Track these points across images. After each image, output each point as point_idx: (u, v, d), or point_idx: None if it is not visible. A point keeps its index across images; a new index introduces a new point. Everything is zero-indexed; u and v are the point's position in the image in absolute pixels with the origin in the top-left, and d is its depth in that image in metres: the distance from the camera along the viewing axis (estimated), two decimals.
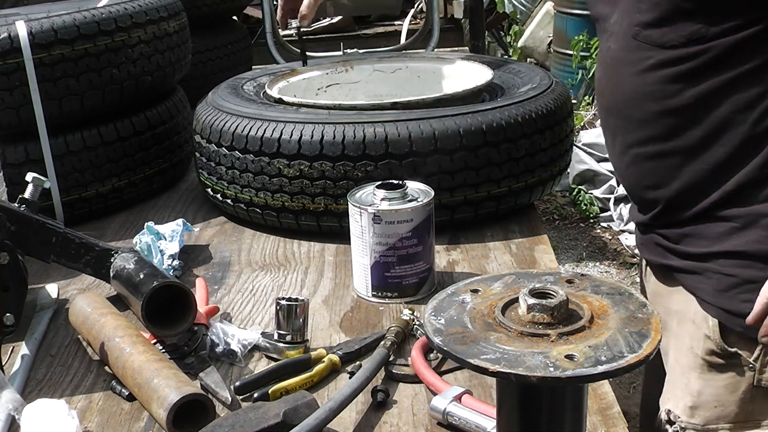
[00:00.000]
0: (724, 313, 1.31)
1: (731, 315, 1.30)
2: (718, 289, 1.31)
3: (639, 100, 1.32)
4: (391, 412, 1.16)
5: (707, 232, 1.32)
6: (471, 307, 0.83)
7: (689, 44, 1.24)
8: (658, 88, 1.29)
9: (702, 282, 1.33)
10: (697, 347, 1.36)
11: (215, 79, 2.25)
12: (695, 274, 1.34)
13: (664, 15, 1.25)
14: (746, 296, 1.27)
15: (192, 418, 1.11)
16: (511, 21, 7.34)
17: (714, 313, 1.33)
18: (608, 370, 0.72)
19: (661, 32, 1.26)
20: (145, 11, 1.92)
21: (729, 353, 1.33)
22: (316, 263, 1.64)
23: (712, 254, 1.31)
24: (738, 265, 1.29)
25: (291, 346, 1.29)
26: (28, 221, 1.42)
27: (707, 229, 1.32)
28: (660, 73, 1.28)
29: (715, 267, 1.31)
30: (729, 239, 1.29)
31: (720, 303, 1.31)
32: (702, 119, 1.26)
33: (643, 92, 1.31)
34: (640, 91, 1.32)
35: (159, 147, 2.01)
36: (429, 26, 3.18)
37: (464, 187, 1.65)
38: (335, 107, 1.74)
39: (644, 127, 1.33)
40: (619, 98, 1.37)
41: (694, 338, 1.36)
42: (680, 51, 1.25)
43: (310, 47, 3.32)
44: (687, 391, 1.38)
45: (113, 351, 1.25)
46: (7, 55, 1.72)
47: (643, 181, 1.38)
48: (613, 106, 1.39)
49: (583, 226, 4.75)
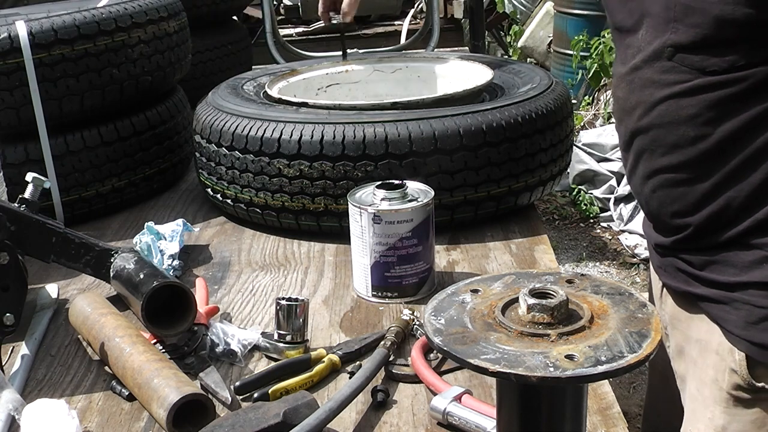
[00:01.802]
0: (754, 346, 1.24)
1: (761, 348, 1.23)
2: (747, 320, 1.24)
3: (674, 125, 1.25)
4: (391, 412, 1.16)
5: (736, 260, 1.25)
6: (471, 307, 0.83)
7: (731, 70, 1.17)
8: (696, 113, 1.22)
9: (729, 312, 1.26)
10: (722, 380, 1.29)
11: (215, 79, 2.26)
12: (721, 304, 1.27)
13: (703, 39, 1.18)
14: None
15: (192, 418, 1.11)
16: (511, 21, 7.35)
17: (742, 346, 1.25)
18: (608, 370, 0.72)
19: (700, 57, 1.19)
20: (145, 11, 1.92)
21: (756, 388, 1.26)
22: (316, 263, 1.64)
23: (741, 284, 1.24)
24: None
25: (291, 346, 1.29)
26: (28, 221, 1.42)
27: (736, 257, 1.25)
28: (699, 98, 1.21)
29: (744, 297, 1.24)
30: (760, 268, 1.22)
31: (749, 336, 1.24)
32: (740, 146, 1.20)
33: (678, 116, 1.24)
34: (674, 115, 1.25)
35: (159, 147, 2.01)
36: (429, 26, 3.18)
37: (464, 187, 1.65)
38: (335, 107, 1.74)
39: (677, 152, 1.26)
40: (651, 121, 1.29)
41: (718, 370, 1.30)
42: (721, 77, 1.18)
43: (310, 47, 3.33)
44: (711, 425, 1.32)
45: (113, 351, 1.25)
46: (7, 55, 1.72)
47: (671, 206, 1.30)
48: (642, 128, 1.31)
49: (583, 226, 4.75)
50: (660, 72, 1.26)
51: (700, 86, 1.21)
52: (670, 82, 1.24)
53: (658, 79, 1.26)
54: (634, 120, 1.32)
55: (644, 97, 1.30)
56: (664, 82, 1.25)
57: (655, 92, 1.27)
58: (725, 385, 1.29)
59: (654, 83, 1.27)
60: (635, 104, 1.32)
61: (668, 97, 1.25)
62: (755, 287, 1.23)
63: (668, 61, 1.24)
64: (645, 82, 1.29)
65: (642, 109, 1.30)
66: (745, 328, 1.25)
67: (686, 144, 1.25)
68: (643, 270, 4.23)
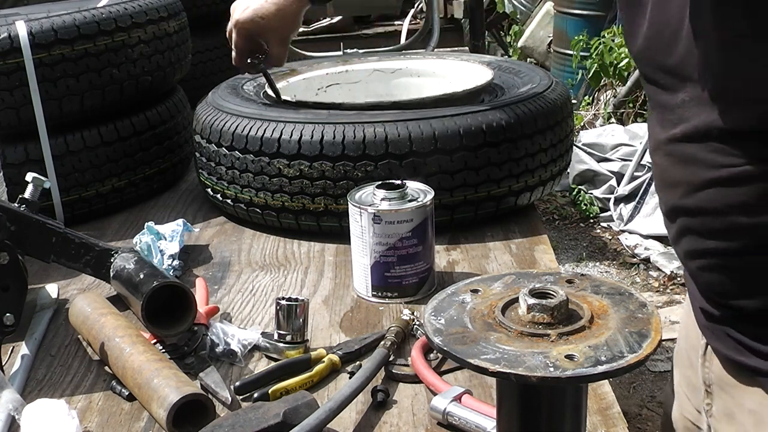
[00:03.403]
0: None
1: None
2: None
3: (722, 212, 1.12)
4: (391, 412, 1.16)
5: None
6: (471, 307, 0.83)
7: None
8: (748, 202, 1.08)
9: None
10: None
11: (215, 79, 2.25)
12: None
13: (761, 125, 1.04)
14: None
15: (192, 418, 1.11)
16: (511, 21, 7.36)
17: None
18: (608, 370, 0.72)
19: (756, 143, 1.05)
20: (145, 11, 1.92)
21: None
22: (316, 263, 1.64)
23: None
24: None
25: (291, 346, 1.29)
26: (28, 221, 1.42)
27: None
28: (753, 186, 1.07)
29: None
30: None
31: None
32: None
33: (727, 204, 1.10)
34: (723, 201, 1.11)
35: (159, 147, 2.01)
36: (429, 26, 3.18)
37: (464, 187, 1.65)
38: (335, 107, 1.74)
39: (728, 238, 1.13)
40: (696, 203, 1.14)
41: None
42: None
43: (310, 47, 3.33)
44: None
45: (113, 351, 1.25)
46: (7, 55, 1.72)
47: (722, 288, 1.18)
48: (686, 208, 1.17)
49: (583, 226, 4.76)
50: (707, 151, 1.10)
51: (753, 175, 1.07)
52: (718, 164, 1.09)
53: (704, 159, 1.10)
54: (677, 197, 1.18)
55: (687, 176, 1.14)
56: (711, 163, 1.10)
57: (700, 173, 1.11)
58: None
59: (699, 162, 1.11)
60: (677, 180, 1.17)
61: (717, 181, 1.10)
62: None
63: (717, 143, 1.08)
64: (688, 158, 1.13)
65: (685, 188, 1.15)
66: None
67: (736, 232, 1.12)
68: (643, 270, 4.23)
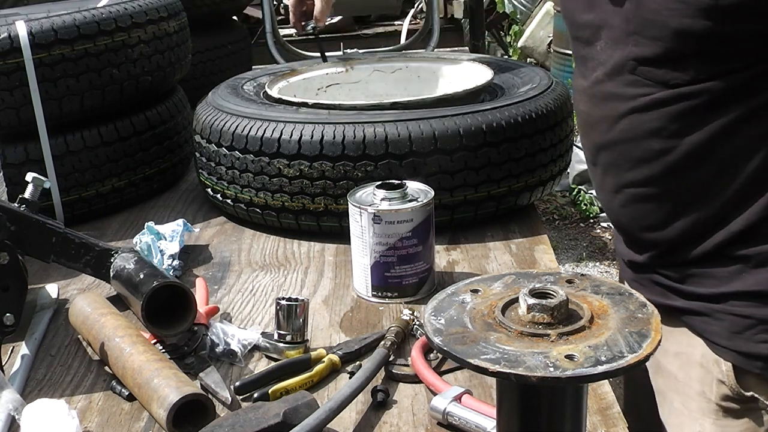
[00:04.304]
0: (740, 355, 1.24)
1: (748, 357, 1.23)
2: (731, 331, 1.23)
3: (638, 139, 1.24)
4: (391, 412, 1.16)
5: (715, 272, 1.24)
6: (471, 307, 0.83)
7: (693, 83, 1.16)
8: (660, 126, 1.20)
9: (712, 324, 1.25)
10: (709, 392, 1.28)
11: (215, 79, 2.26)
12: (704, 316, 1.26)
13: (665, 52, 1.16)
14: (763, 336, 1.20)
15: (192, 418, 1.11)
16: (511, 21, 7.35)
17: (729, 356, 1.25)
18: (608, 370, 0.72)
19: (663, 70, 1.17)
20: (145, 11, 1.92)
21: (746, 398, 1.25)
22: (316, 263, 1.64)
23: (722, 295, 1.23)
24: (753, 305, 1.21)
25: (291, 346, 1.29)
26: (28, 221, 1.42)
27: (715, 269, 1.24)
28: (662, 111, 1.19)
29: (727, 308, 1.23)
30: (741, 279, 1.22)
31: (735, 345, 1.24)
32: (707, 159, 1.19)
33: (642, 130, 1.22)
34: (639, 129, 1.23)
35: (159, 147, 2.01)
36: (429, 26, 3.18)
37: (464, 187, 1.65)
38: (335, 107, 1.74)
39: (643, 166, 1.24)
40: (615, 136, 1.27)
41: (704, 383, 1.29)
42: (683, 89, 1.17)
43: (309, 47, 3.33)
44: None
45: (113, 351, 1.25)
46: (7, 55, 1.72)
47: (641, 222, 1.29)
48: (607, 143, 1.29)
49: (583, 226, 4.76)
50: (622, 85, 1.23)
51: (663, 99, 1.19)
52: (632, 95, 1.22)
53: (621, 93, 1.24)
54: (599, 135, 1.31)
55: (607, 111, 1.27)
56: (626, 95, 1.23)
57: (618, 106, 1.25)
58: (713, 396, 1.28)
59: (616, 97, 1.25)
60: (599, 119, 1.30)
61: (631, 111, 1.23)
62: (737, 297, 1.22)
63: (631, 75, 1.21)
64: (607, 95, 1.27)
65: (606, 123, 1.28)
66: (730, 338, 1.24)
67: (652, 158, 1.23)
68: None
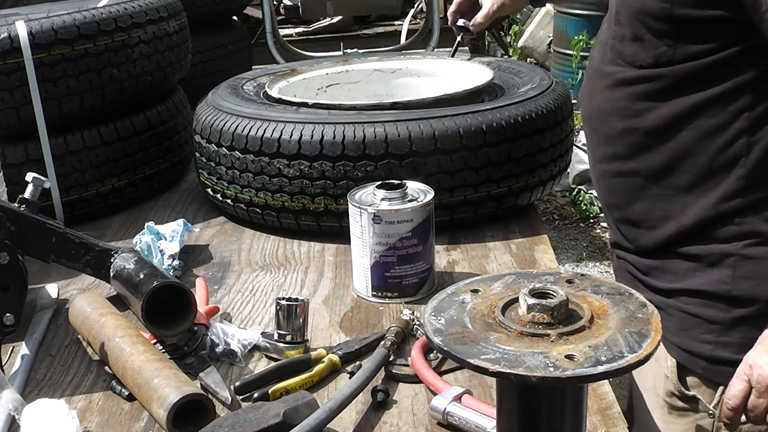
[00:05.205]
0: (685, 353, 1.26)
1: (691, 355, 1.25)
2: (680, 327, 1.26)
3: (606, 116, 1.29)
4: (391, 412, 1.16)
5: (673, 267, 1.27)
6: (471, 307, 0.83)
7: (657, 65, 1.21)
8: (624, 105, 1.26)
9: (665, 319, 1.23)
10: (659, 387, 1.31)
11: (215, 79, 2.25)
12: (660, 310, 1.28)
13: (635, 32, 1.22)
14: (707, 337, 1.23)
15: (192, 418, 1.11)
16: (511, 21, 7.34)
17: (674, 353, 1.27)
18: (608, 370, 0.72)
19: (633, 49, 1.24)
20: (145, 11, 1.92)
21: (687, 396, 1.28)
22: (316, 263, 1.64)
23: (676, 291, 1.27)
24: (701, 304, 1.24)
25: (291, 346, 1.29)
26: (28, 221, 1.42)
27: (673, 265, 1.27)
28: (627, 90, 1.25)
29: (678, 304, 1.26)
30: (694, 277, 1.25)
31: (680, 342, 1.26)
32: (664, 142, 1.23)
33: (610, 108, 1.28)
34: (607, 106, 1.29)
35: (159, 147, 2.01)
36: (429, 26, 3.18)
37: (464, 187, 1.65)
38: (335, 107, 1.74)
39: (609, 143, 1.30)
40: (592, 111, 1.34)
41: (656, 377, 1.32)
42: (648, 71, 1.22)
43: (310, 47, 3.33)
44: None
45: (113, 351, 1.25)
46: (7, 55, 1.72)
47: (608, 198, 1.35)
48: (587, 117, 1.36)
49: (583, 226, 4.75)
50: (603, 63, 1.31)
51: (628, 79, 1.25)
52: (608, 73, 1.29)
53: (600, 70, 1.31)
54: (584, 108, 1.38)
55: (590, 88, 1.35)
56: (603, 72, 1.30)
57: (597, 83, 1.32)
58: (661, 391, 1.31)
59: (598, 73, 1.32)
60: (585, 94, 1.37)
61: (605, 88, 1.30)
62: (688, 295, 1.25)
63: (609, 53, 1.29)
64: (594, 72, 1.34)
65: (587, 98, 1.36)
66: (678, 334, 1.26)
67: (616, 136, 1.29)
68: None
